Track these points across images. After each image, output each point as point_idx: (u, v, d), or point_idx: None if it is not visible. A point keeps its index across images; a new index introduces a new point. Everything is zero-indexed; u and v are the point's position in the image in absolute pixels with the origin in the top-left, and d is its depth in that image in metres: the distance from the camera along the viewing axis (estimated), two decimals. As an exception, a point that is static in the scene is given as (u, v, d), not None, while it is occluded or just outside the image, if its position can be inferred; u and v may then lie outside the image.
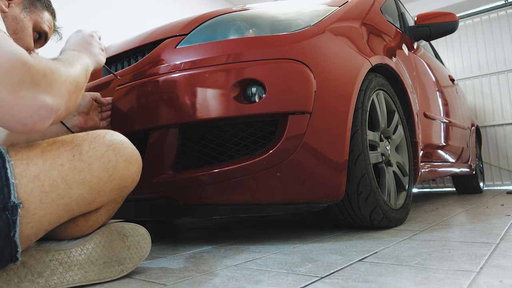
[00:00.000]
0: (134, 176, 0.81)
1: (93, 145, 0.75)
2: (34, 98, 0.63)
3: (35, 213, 0.67)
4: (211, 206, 1.16)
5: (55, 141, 0.74)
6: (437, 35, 2.24)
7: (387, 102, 1.58)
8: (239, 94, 1.10)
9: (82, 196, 0.73)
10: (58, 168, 0.70)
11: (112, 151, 0.77)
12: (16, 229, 0.65)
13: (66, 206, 0.72)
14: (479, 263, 0.83)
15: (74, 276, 0.78)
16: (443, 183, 4.57)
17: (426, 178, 2.13)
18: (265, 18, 1.30)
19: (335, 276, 0.78)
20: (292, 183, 1.13)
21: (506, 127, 4.32)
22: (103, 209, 0.83)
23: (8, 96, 0.61)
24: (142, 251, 0.88)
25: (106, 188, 0.76)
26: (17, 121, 0.63)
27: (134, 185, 0.83)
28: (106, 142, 0.77)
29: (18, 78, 0.61)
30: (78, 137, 0.76)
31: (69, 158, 0.72)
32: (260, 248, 1.15)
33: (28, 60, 0.63)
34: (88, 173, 0.73)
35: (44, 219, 0.69)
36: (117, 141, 0.78)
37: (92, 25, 3.27)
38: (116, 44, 1.48)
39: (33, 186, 0.67)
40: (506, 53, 4.35)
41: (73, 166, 0.72)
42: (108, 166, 0.76)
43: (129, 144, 0.81)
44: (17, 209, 0.65)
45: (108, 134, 0.79)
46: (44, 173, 0.69)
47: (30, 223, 0.67)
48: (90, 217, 0.81)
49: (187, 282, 0.79)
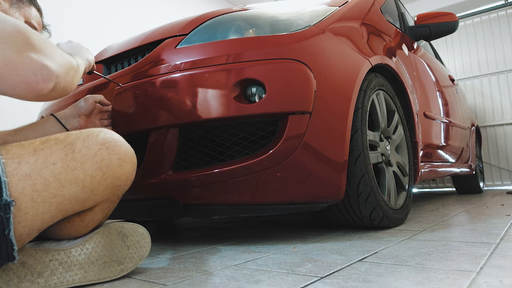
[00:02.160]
0: (128, 175, 0.81)
1: (86, 144, 0.75)
2: (37, 59, 0.69)
3: (27, 212, 0.67)
4: (211, 206, 1.16)
5: (48, 139, 0.73)
6: (437, 35, 2.24)
7: (387, 102, 1.58)
8: (239, 94, 1.10)
9: (75, 195, 0.73)
10: (50, 167, 0.70)
11: (105, 149, 0.76)
12: (10, 227, 0.65)
13: (59, 205, 0.71)
14: (479, 263, 0.83)
15: (74, 276, 0.78)
16: (443, 183, 4.58)
17: (426, 178, 2.13)
18: (265, 18, 1.30)
19: (335, 276, 0.78)
20: (292, 183, 1.13)
21: (506, 127, 4.31)
22: (98, 208, 0.82)
23: (13, 55, 0.66)
24: (142, 250, 0.88)
25: (100, 187, 0.76)
26: (21, 80, 0.67)
27: (129, 184, 0.83)
28: (100, 141, 0.76)
29: (22, 41, 0.67)
30: (71, 135, 0.75)
31: (61, 157, 0.71)
32: (260, 248, 1.14)
33: (31, 29, 0.70)
34: (81, 171, 0.73)
35: (36, 218, 0.69)
36: (110, 139, 0.78)
37: (93, 24, 3.27)
38: (116, 44, 1.48)
39: (24, 185, 0.67)
40: (506, 53, 4.35)
41: (66, 165, 0.71)
42: (102, 164, 0.75)
43: (123, 143, 0.81)
44: (10, 207, 0.64)
45: (102, 133, 0.78)
46: (36, 172, 0.68)
47: (22, 222, 0.67)
48: (85, 216, 0.81)
49: (187, 282, 0.79)
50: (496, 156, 4.33)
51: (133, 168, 0.82)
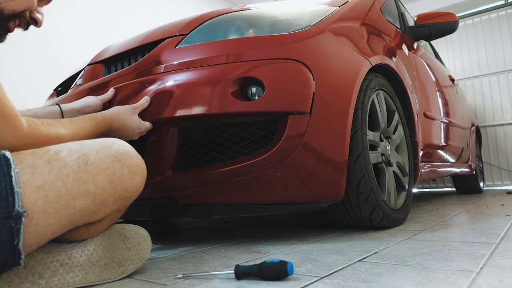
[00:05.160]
0: (138, 187, 0.81)
1: (99, 156, 0.74)
2: None
3: (38, 223, 0.67)
4: (211, 206, 1.16)
5: (62, 149, 0.73)
6: (437, 35, 2.24)
7: (387, 102, 1.58)
8: (238, 91, 1.10)
9: (86, 207, 0.73)
10: (63, 178, 0.70)
11: (117, 162, 0.76)
12: (20, 238, 0.65)
13: (69, 217, 0.71)
14: (479, 263, 0.83)
15: (74, 278, 0.78)
16: (443, 183, 4.57)
17: (426, 178, 2.13)
18: (265, 18, 1.30)
19: (335, 276, 0.78)
20: (292, 183, 1.13)
21: (506, 127, 4.31)
22: (106, 219, 0.83)
23: None
24: (142, 252, 0.88)
25: (110, 199, 0.76)
26: None
27: (137, 195, 0.83)
28: (113, 153, 0.76)
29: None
30: (84, 146, 0.75)
31: (74, 169, 0.71)
32: (260, 248, 1.15)
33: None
34: (92, 184, 0.73)
35: (47, 229, 0.69)
36: (123, 151, 0.78)
37: (94, 24, 3.27)
38: (116, 44, 1.48)
39: (37, 196, 0.66)
40: (506, 53, 4.35)
41: (79, 177, 0.71)
42: (113, 177, 0.75)
43: (135, 154, 0.81)
44: (21, 218, 0.64)
45: (115, 144, 0.78)
46: (49, 183, 0.68)
47: (33, 233, 0.67)
48: (93, 226, 0.81)
49: (187, 282, 0.79)
50: (496, 156, 4.33)
51: (143, 180, 0.82)
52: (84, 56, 1.98)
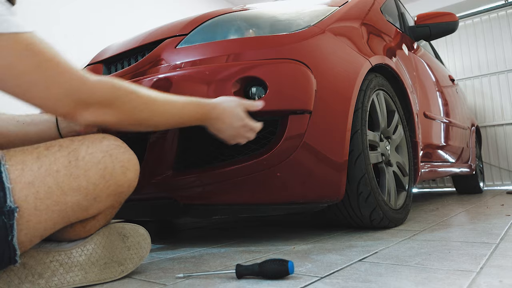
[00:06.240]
0: (131, 182, 0.80)
1: (90, 151, 0.74)
2: None
3: (29, 220, 0.66)
4: (211, 206, 1.16)
5: (52, 145, 0.72)
6: (437, 35, 2.24)
7: (387, 102, 1.58)
8: (240, 91, 1.10)
9: (78, 202, 0.72)
10: (54, 174, 0.69)
11: (109, 156, 0.75)
12: (13, 233, 0.64)
13: (61, 213, 0.70)
14: (479, 263, 0.83)
15: (74, 277, 0.78)
16: (443, 183, 4.57)
17: (426, 178, 2.13)
18: (265, 18, 1.30)
19: (335, 276, 0.78)
20: (292, 183, 1.13)
21: (506, 127, 4.31)
22: (101, 216, 0.82)
23: None
24: (142, 251, 0.88)
25: (103, 194, 0.75)
26: None
27: (131, 190, 0.82)
28: (103, 148, 0.75)
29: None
30: (74, 142, 0.74)
31: (65, 164, 0.70)
32: (260, 248, 1.15)
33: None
34: (84, 179, 0.72)
35: (39, 225, 0.68)
36: (114, 146, 0.77)
37: (93, 24, 3.27)
38: (116, 44, 1.48)
39: (27, 193, 0.66)
40: (506, 53, 4.35)
41: (69, 173, 0.70)
42: (105, 172, 0.74)
43: (127, 149, 0.79)
44: (13, 214, 0.64)
45: (105, 139, 0.77)
46: (39, 180, 0.67)
47: (24, 230, 0.66)
48: (88, 223, 0.81)
49: (187, 282, 0.79)
50: (496, 156, 4.33)
51: (136, 175, 0.81)
52: (83, 56, 1.98)
